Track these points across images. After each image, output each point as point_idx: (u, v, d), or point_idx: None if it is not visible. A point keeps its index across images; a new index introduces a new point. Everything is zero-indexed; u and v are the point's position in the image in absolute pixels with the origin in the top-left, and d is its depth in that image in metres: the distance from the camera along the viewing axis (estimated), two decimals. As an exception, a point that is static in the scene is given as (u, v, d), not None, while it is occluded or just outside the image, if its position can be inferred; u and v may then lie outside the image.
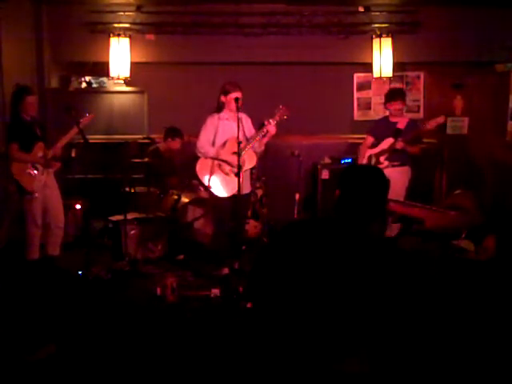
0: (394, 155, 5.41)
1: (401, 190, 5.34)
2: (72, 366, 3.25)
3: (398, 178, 5.33)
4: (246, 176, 4.93)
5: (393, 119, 5.58)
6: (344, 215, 2.18)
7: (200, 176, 4.88)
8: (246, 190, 5.01)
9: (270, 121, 4.80)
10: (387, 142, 5.48)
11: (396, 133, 5.44)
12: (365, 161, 5.61)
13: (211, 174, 4.84)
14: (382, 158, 5.47)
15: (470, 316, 3.38)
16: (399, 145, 5.35)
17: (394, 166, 5.39)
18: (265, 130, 4.80)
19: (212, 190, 4.84)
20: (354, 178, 2.22)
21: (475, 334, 3.23)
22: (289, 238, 2.18)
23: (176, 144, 6.01)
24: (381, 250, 2.12)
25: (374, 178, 2.21)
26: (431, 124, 5.28)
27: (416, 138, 5.40)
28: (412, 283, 2.14)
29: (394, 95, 5.62)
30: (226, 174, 4.85)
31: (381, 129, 5.63)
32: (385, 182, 2.22)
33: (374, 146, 5.63)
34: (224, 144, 4.85)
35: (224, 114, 4.90)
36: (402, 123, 5.50)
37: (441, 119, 5.30)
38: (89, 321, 3.87)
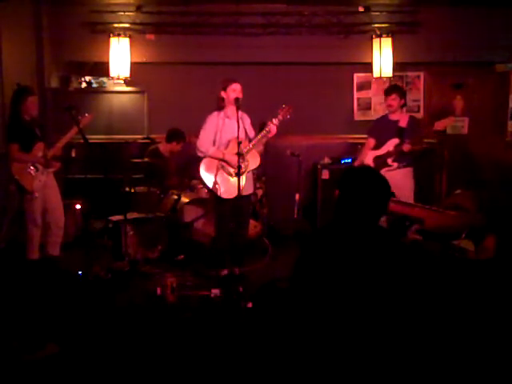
0: (400, 156, 5.27)
1: (410, 190, 5.24)
2: (72, 365, 3.25)
3: (404, 179, 5.28)
4: (248, 177, 4.87)
5: (392, 117, 5.41)
6: (345, 218, 2.18)
7: (204, 177, 4.79)
8: (249, 190, 4.94)
9: (273, 120, 4.77)
10: (392, 143, 5.30)
11: (399, 132, 5.29)
12: (371, 163, 5.42)
13: (215, 174, 4.77)
14: (389, 160, 5.30)
15: (470, 316, 3.38)
16: (406, 147, 5.18)
17: (404, 166, 5.29)
18: (267, 129, 4.77)
19: (217, 191, 4.75)
20: (354, 180, 2.21)
21: (475, 334, 3.22)
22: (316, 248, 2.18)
23: (179, 147, 6.04)
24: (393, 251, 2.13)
25: (375, 180, 2.20)
26: (441, 125, 5.13)
27: (415, 136, 5.30)
28: (419, 281, 2.14)
29: (387, 90, 5.52)
30: (230, 174, 4.81)
31: (381, 129, 5.46)
32: (385, 184, 2.22)
33: (376, 147, 5.46)
34: (227, 145, 4.82)
35: (226, 111, 4.85)
36: (403, 121, 5.33)
37: (450, 121, 5.21)
38: (89, 321, 3.87)
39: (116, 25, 6.47)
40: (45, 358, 3.26)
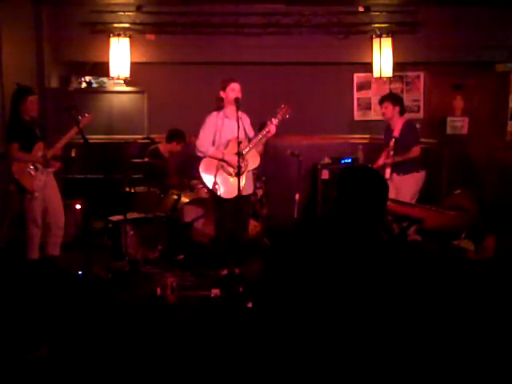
0: (403, 164, 5.30)
1: (409, 196, 5.22)
2: (72, 365, 3.25)
3: (407, 185, 5.30)
4: (248, 176, 4.86)
5: (391, 125, 5.47)
6: (343, 218, 2.18)
7: (204, 177, 4.78)
8: (249, 190, 4.94)
9: (273, 120, 4.76)
10: (382, 156, 5.46)
11: (392, 142, 5.35)
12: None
13: (215, 175, 4.77)
14: (387, 171, 5.35)
15: (470, 316, 3.38)
16: (388, 161, 5.30)
17: (405, 173, 5.31)
18: (267, 129, 4.76)
19: (217, 191, 4.74)
20: (351, 180, 2.21)
21: (475, 335, 3.23)
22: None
23: (179, 147, 6.03)
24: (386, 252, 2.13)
25: (371, 179, 2.21)
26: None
27: (407, 144, 5.29)
28: (414, 284, 2.14)
29: (380, 99, 5.56)
30: (230, 174, 4.80)
31: (385, 138, 5.57)
32: (382, 184, 2.22)
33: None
34: (227, 144, 4.82)
35: (225, 111, 4.84)
36: (396, 130, 5.38)
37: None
38: (89, 321, 3.87)
39: (116, 25, 6.46)
40: (43, 358, 3.26)
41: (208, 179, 4.77)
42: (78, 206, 5.94)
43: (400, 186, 5.32)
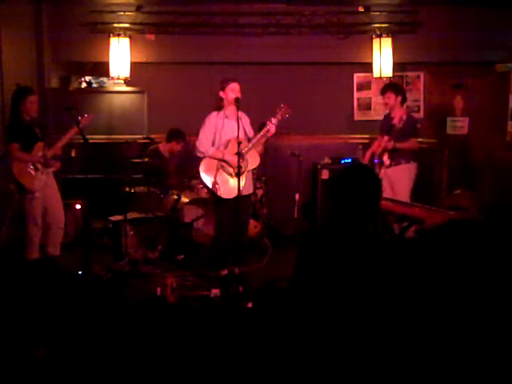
0: (395, 153, 5.31)
1: (405, 188, 5.25)
2: (71, 366, 3.25)
3: (400, 176, 5.30)
4: (248, 176, 4.87)
5: (392, 114, 5.47)
6: (338, 218, 2.19)
7: (204, 177, 4.79)
8: (249, 190, 4.95)
9: (272, 120, 4.76)
10: (383, 140, 5.39)
11: (390, 129, 5.33)
12: (366, 161, 5.50)
13: (215, 175, 4.78)
14: (385, 157, 5.35)
15: (470, 316, 3.38)
16: (389, 145, 5.28)
17: (397, 164, 5.32)
18: (266, 129, 4.76)
19: (217, 191, 4.74)
20: (342, 180, 2.22)
21: (475, 335, 3.22)
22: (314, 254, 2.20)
23: (179, 147, 6.03)
24: (382, 250, 2.13)
25: (363, 178, 2.21)
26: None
27: (405, 133, 5.31)
28: (414, 282, 2.14)
29: (382, 89, 5.55)
30: (230, 174, 4.80)
31: (383, 126, 5.56)
32: (373, 183, 2.22)
33: None
34: (227, 144, 4.82)
35: (225, 111, 4.84)
36: (396, 118, 5.36)
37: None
38: (89, 321, 3.86)
39: (116, 25, 6.46)
40: (43, 358, 3.26)
41: (208, 179, 4.78)
42: (78, 206, 5.94)
43: (394, 178, 5.32)
